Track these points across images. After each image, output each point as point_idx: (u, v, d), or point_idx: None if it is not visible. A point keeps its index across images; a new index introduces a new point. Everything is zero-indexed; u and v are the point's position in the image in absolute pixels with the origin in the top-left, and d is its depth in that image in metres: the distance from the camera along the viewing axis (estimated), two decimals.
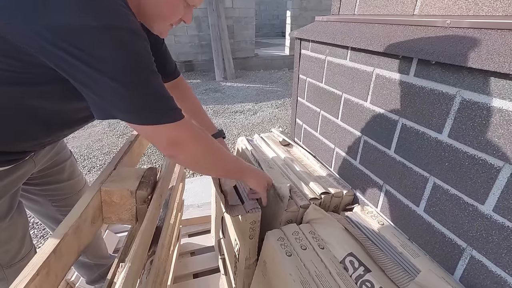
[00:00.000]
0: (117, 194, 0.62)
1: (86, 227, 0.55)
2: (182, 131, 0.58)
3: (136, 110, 0.51)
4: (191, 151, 0.61)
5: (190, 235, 1.61)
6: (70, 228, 0.49)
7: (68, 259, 0.49)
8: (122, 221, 0.66)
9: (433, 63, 0.63)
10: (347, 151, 0.99)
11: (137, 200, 0.64)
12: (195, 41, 5.86)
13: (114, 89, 0.48)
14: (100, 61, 0.45)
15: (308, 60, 1.16)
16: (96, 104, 0.51)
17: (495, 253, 0.56)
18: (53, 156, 0.84)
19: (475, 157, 0.58)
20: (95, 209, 0.60)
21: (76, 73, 0.47)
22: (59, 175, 0.88)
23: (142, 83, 0.50)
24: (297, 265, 0.72)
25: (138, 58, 0.50)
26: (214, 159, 0.69)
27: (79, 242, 0.53)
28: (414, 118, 0.71)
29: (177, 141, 0.58)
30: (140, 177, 0.67)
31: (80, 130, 3.38)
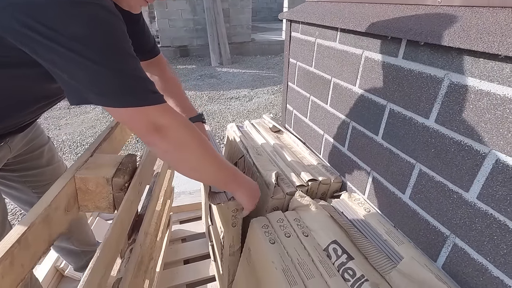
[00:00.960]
0: (93, 181, 0.60)
1: (59, 215, 0.54)
2: (165, 115, 0.53)
3: (113, 92, 0.47)
4: (176, 138, 0.55)
5: (182, 222, 1.61)
6: (38, 216, 0.47)
7: (36, 249, 0.47)
8: (100, 209, 0.64)
9: (422, 44, 0.60)
10: (336, 137, 0.97)
11: (114, 187, 0.62)
12: (190, 25, 5.71)
13: (88, 70, 0.45)
14: (71, 38, 0.43)
15: (298, 43, 1.12)
16: (70, 88, 0.48)
17: (478, 241, 0.55)
18: (29, 141, 0.82)
19: (461, 143, 0.56)
20: (69, 197, 0.58)
21: (45, 53, 0.44)
22: (37, 161, 0.86)
23: (118, 63, 0.47)
24: (280, 252, 0.71)
25: (113, 36, 0.47)
26: (203, 155, 0.60)
27: (50, 231, 0.51)
28: (401, 103, 0.68)
29: (159, 126, 0.53)
30: (118, 164, 0.65)
31: (72, 117, 3.34)
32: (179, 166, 0.61)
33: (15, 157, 0.79)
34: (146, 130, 0.52)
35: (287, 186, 0.91)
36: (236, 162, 1.21)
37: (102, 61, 0.45)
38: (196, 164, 0.60)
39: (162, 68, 0.92)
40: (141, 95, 0.50)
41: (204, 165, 0.62)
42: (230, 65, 5.53)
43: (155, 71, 0.90)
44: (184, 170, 0.62)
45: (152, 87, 0.52)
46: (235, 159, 1.22)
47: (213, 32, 5.36)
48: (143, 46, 0.84)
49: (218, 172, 0.65)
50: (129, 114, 0.50)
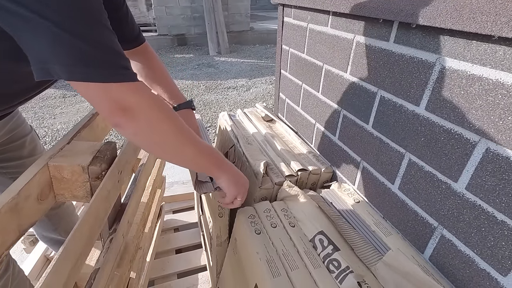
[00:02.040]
0: (68, 169, 0.58)
1: (30, 204, 0.52)
2: (135, 94, 0.48)
3: (79, 63, 0.43)
4: (146, 120, 0.50)
5: (175, 212, 1.60)
6: (3, 206, 0.45)
7: (4, 238, 0.46)
8: (77, 198, 0.62)
9: (413, 26, 0.57)
10: (327, 127, 0.94)
11: (90, 175, 0.60)
12: (188, 13, 5.60)
13: (54, 36, 0.40)
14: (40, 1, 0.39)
15: (290, 29, 1.08)
16: (34, 58, 0.43)
17: (465, 233, 0.53)
18: (9, 131, 0.79)
19: (451, 131, 0.53)
20: (43, 186, 0.56)
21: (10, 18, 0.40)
22: (18, 151, 0.83)
23: (90, 33, 0.43)
24: (265, 243, 0.69)
25: (89, 6, 0.43)
26: (178, 139, 0.55)
27: (19, 221, 0.49)
28: (392, 90, 0.65)
29: (127, 105, 0.47)
30: (95, 152, 0.62)
31: (67, 106, 3.30)
32: (152, 149, 0.56)
33: None
34: (109, 109, 0.47)
35: (276, 176, 0.89)
36: (227, 152, 1.19)
37: (72, 29, 0.41)
38: (171, 148, 0.56)
39: (149, 57, 0.87)
40: (108, 70, 0.45)
41: (181, 149, 0.57)
42: (228, 54, 5.45)
43: (141, 59, 0.86)
44: (158, 154, 0.58)
45: (124, 62, 0.48)
46: (226, 148, 1.20)
47: (211, 20, 5.26)
48: (127, 35, 0.80)
49: (198, 157, 0.60)
50: (92, 89, 0.45)
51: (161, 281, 1.22)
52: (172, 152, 0.57)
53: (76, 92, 3.67)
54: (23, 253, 1.36)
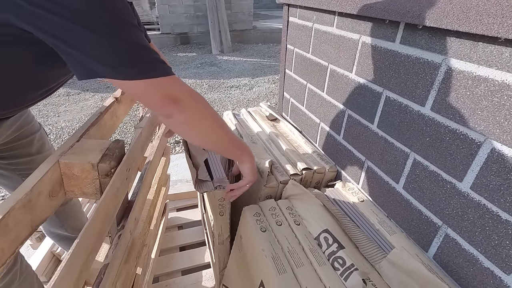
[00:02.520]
0: (78, 167, 0.59)
1: (42, 201, 0.53)
2: (179, 86, 0.52)
3: (128, 63, 0.45)
4: (192, 108, 0.54)
5: (178, 209, 1.62)
6: (18, 202, 0.46)
7: (18, 233, 0.47)
8: (87, 195, 0.63)
9: (420, 27, 0.58)
10: (332, 126, 0.95)
11: (100, 173, 0.61)
12: (191, 12, 5.60)
13: (98, 41, 0.43)
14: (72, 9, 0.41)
15: (295, 29, 1.09)
16: (77, 61, 0.46)
17: (469, 232, 0.54)
18: (19, 128, 0.80)
19: (456, 131, 0.54)
20: (54, 182, 0.57)
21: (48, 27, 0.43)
22: (27, 149, 0.84)
23: (126, 34, 0.45)
24: (270, 240, 0.70)
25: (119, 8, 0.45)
26: (216, 124, 0.60)
27: (32, 217, 0.50)
28: (398, 90, 0.66)
29: (175, 96, 0.51)
30: (104, 149, 0.63)
31: (71, 104, 3.32)
32: (197, 136, 0.61)
33: (4, 144, 0.78)
34: (162, 102, 0.51)
35: (280, 175, 0.90)
36: None
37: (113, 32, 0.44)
38: (211, 134, 0.61)
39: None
40: (155, 66, 0.48)
41: (219, 135, 0.62)
42: (231, 53, 5.45)
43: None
44: (199, 140, 0.63)
45: (160, 58, 0.50)
46: None
47: (214, 19, 5.26)
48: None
49: (229, 142, 0.65)
50: (142, 87, 0.48)
51: (165, 278, 1.24)
52: (212, 137, 0.62)
53: (80, 90, 3.68)
54: (30, 249, 1.38)
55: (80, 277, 0.46)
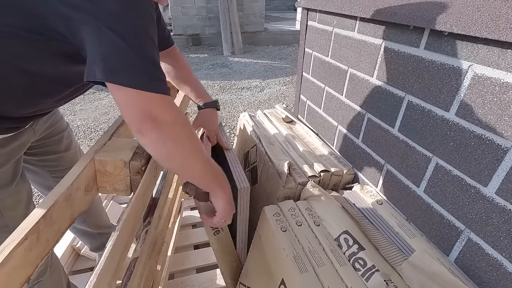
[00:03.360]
0: (111, 164, 0.62)
1: (79, 195, 0.56)
2: (166, 107, 0.51)
3: (125, 69, 0.46)
4: (169, 131, 0.52)
5: (192, 209, 1.64)
6: (61, 195, 0.49)
7: (60, 225, 0.50)
8: (117, 191, 0.66)
9: (446, 34, 0.58)
10: (350, 129, 0.96)
11: (131, 170, 0.63)
12: (203, 13, 5.67)
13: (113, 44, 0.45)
14: (107, 12, 0.44)
15: (314, 32, 1.10)
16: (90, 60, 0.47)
17: (494, 236, 0.54)
18: (51, 126, 0.84)
19: (482, 137, 0.55)
20: (89, 179, 0.60)
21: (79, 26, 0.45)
22: (56, 146, 0.88)
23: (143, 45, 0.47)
24: (291, 240, 0.72)
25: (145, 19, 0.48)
26: (192, 156, 0.58)
27: (72, 210, 0.53)
28: (421, 95, 0.67)
29: (154, 115, 0.49)
30: (135, 148, 0.66)
31: (87, 103, 3.40)
32: (167, 159, 0.57)
33: (37, 141, 0.82)
34: (140, 116, 0.49)
35: (299, 176, 0.91)
36: (248, 151, 1.22)
37: (129, 39, 0.45)
38: (181, 163, 0.58)
39: (177, 58, 0.93)
40: (152, 80, 0.49)
41: (191, 166, 0.59)
42: (242, 55, 5.49)
43: (170, 60, 0.91)
44: (167, 165, 0.61)
45: (162, 76, 0.51)
46: (247, 148, 1.23)
47: (226, 20, 5.31)
48: (160, 37, 0.84)
49: (202, 175, 0.62)
50: (131, 95, 0.48)
51: (180, 275, 1.26)
52: (181, 166, 0.59)
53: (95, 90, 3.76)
54: None
55: (118, 268, 0.49)
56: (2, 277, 0.36)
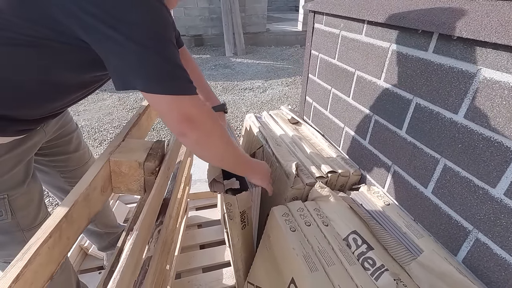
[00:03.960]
0: (126, 164, 0.63)
1: (96, 195, 0.57)
2: (197, 106, 0.55)
3: (159, 78, 0.49)
4: (206, 130, 0.58)
5: (198, 209, 1.66)
6: (80, 195, 0.50)
7: (79, 224, 0.51)
8: (131, 191, 0.67)
9: (454, 38, 0.60)
10: (357, 131, 0.97)
11: (145, 171, 0.65)
12: (205, 14, 5.69)
13: (138, 55, 0.47)
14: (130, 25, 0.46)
15: (321, 35, 1.11)
16: (118, 72, 0.50)
17: (502, 236, 0.56)
18: (61, 127, 0.86)
19: (490, 139, 0.56)
20: (105, 179, 0.61)
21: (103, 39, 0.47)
22: (66, 146, 0.90)
23: (167, 52, 0.50)
24: (300, 240, 0.73)
25: (165, 26, 0.50)
26: (227, 145, 0.65)
27: (89, 209, 0.54)
28: (429, 98, 0.68)
29: (192, 116, 0.54)
30: (148, 149, 0.68)
31: (90, 104, 3.42)
32: (206, 154, 0.64)
33: (48, 142, 0.83)
34: (179, 119, 0.54)
35: (306, 177, 0.92)
36: (254, 152, 1.23)
37: (155, 49, 0.47)
38: (220, 153, 0.65)
39: (187, 59, 0.95)
40: (182, 84, 0.52)
41: (227, 154, 0.67)
42: (244, 56, 5.51)
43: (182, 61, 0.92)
44: (209, 158, 0.67)
45: (189, 77, 0.54)
46: (253, 149, 1.24)
47: (228, 21, 5.33)
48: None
49: (238, 160, 0.71)
50: (167, 101, 0.52)
51: (187, 274, 1.27)
52: (220, 156, 0.67)
53: (98, 90, 3.78)
54: None
55: (137, 264, 0.50)
56: (29, 275, 0.38)
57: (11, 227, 0.69)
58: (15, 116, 0.61)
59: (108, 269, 0.47)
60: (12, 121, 0.61)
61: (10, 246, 0.73)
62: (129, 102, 3.41)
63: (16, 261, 0.36)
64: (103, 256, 1.28)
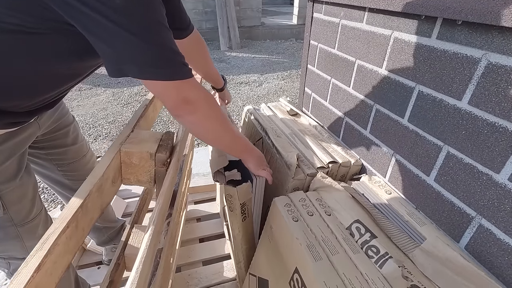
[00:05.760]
0: (137, 155, 0.62)
1: (108, 186, 0.56)
2: (194, 89, 0.56)
3: (150, 64, 0.49)
4: (203, 111, 0.60)
5: (196, 202, 1.65)
6: (94, 185, 0.49)
7: (92, 214, 0.50)
8: (141, 182, 0.66)
9: (459, 23, 0.59)
10: (357, 121, 0.97)
11: (156, 162, 0.63)
12: (199, 8, 5.61)
13: (130, 42, 0.46)
14: (116, 11, 0.44)
15: (320, 24, 1.10)
16: (110, 60, 0.49)
17: (506, 222, 0.56)
18: (56, 120, 0.84)
19: (495, 124, 0.55)
20: (115, 170, 0.60)
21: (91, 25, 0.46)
22: (63, 139, 0.88)
23: (157, 37, 0.49)
24: (303, 230, 0.73)
25: (153, 9, 0.48)
26: (224, 127, 0.67)
27: (101, 200, 0.53)
28: (432, 85, 0.68)
29: (189, 99, 0.56)
30: (159, 140, 0.66)
31: (84, 99, 3.36)
32: (201, 134, 0.67)
33: (43, 135, 0.81)
34: (176, 103, 0.56)
35: (307, 168, 0.92)
36: (254, 144, 1.22)
37: (144, 34, 0.47)
38: (217, 135, 0.68)
39: (200, 43, 1.00)
40: (176, 68, 0.52)
41: (224, 136, 0.69)
42: (239, 50, 5.46)
43: (193, 46, 0.97)
44: (204, 138, 0.70)
45: (183, 60, 0.54)
46: (253, 141, 1.23)
47: (223, 15, 5.27)
48: (183, 24, 0.89)
49: (234, 141, 0.73)
50: (164, 86, 0.52)
51: (187, 268, 1.27)
52: (216, 138, 0.69)
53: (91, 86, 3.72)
54: None
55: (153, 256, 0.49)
56: (49, 265, 0.37)
57: (4, 222, 0.67)
58: (5, 107, 0.59)
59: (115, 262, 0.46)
60: (3, 113, 0.59)
61: (4, 242, 0.71)
62: (123, 97, 3.36)
63: (36, 251, 0.36)
64: (101, 251, 1.27)
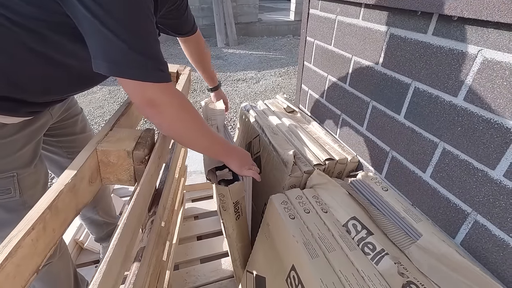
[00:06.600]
0: (114, 154, 0.61)
1: (84, 186, 0.55)
2: (165, 93, 0.58)
3: (122, 63, 0.52)
4: (169, 117, 0.61)
5: (194, 200, 1.65)
6: (65, 186, 0.48)
7: (66, 215, 0.49)
8: (121, 181, 0.65)
9: (455, 19, 0.59)
10: (354, 117, 0.96)
11: (134, 160, 0.63)
12: (196, 4, 5.56)
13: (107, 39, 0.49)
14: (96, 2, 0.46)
15: (316, 21, 1.09)
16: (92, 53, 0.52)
17: (501, 218, 0.56)
18: (67, 109, 0.88)
19: (490, 121, 0.55)
20: (93, 169, 0.59)
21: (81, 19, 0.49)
22: (72, 128, 0.92)
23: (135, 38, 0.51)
24: (300, 227, 0.73)
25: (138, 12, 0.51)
26: (199, 132, 0.68)
27: (76, 200, 0.52)
28: (428, 81, 0.67)
29: (155, 102, 0.57)
30: (137, 138, 0.66)
31: (80, 97, 3.34)
32: (175, 138, 0.71)
33: (55, 123, 0.85)
34: (142, 103, 0.58)
35: (304, 165, 0.92)
36: (250, 141, 1.22)
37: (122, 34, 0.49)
38: (190, 139, 0.69)
39: (199, 42, 1.08)
40: (144, 71, 0.54)
41: (199, 140, 0.70)
42: (236, 46, 5.43)
43: (193, 45, 1.07)
44: (180, 142, 0.74)
45: (160, 66, 0.56)
46: (249, 138, 1.23)
47: (220, 11, 5.23)
48: (187, 26, 0.97)
49: (212, 146, 0.74)
50: (131, 85, 0.55)
51: (185, 266, 1.27)
52: (190, 142, 0.71)
53: None
54: None
55: (126, 256, 0.49)
56: (11, 268, 0.36)
57: (18, 205, 0.70)
58: (26, 99, 0.63)
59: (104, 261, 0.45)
60: (24, 103, 0.63)
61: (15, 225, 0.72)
62: (120, 95, 3.34)
63: None
64: (99, 249, 1.27)
